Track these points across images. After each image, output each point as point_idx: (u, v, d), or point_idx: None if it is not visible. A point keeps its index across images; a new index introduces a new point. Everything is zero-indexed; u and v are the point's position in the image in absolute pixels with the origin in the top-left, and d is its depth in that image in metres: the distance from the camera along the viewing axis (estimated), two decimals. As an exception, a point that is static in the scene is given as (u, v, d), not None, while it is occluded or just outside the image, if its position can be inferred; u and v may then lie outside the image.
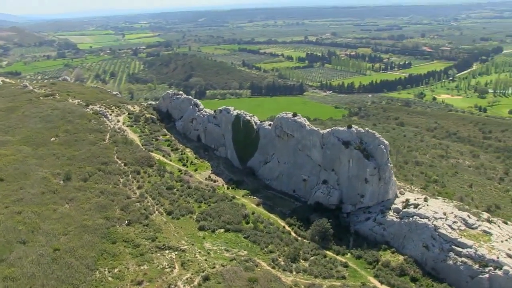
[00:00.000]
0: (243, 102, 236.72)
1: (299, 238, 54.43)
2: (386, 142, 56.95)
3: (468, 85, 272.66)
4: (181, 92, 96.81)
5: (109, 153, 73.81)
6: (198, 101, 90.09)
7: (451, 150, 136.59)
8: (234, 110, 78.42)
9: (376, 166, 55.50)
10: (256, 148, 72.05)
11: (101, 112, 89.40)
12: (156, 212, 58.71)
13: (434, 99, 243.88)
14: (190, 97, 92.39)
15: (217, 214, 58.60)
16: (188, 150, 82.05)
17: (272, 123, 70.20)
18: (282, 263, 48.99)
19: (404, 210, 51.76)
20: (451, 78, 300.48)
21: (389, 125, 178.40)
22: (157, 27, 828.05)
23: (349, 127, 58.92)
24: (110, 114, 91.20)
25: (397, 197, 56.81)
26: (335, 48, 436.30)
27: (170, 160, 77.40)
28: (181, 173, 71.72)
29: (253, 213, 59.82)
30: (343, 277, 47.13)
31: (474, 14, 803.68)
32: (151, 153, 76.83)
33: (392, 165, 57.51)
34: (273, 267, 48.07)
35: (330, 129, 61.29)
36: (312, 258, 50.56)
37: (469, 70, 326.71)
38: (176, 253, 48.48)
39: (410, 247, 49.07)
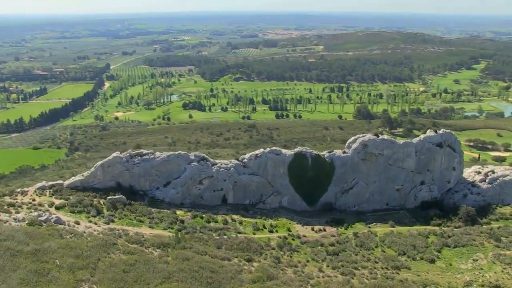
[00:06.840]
0: None
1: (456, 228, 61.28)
2: (456, 135, 72.61)
3: (127, 101, 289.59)
4: (145, 151, 61.94)
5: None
6: (203, 154, 62.94)
7: (220, 155, 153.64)
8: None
9: (460, 155, 70.35)
10: (330, 181, 65.25)
11: (44, 218, 47.65)
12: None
13: (117, 118, 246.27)
14: (181, 152, 61.99)
15: (412, 248, 55.04)
16: (235, 216, 60.17)
17: (347, 150, 65.92)
18: (503, 245, 56.18)
19: (489, 177, 69.03)
20: (105, 96, 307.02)
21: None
22: None
23: (436, 132, 69.04)
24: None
25: (462, 173, 73.92)
26: None
27: (254, 234, 56.23)
28: (294, 239, 55.80)
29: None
30: (532, 235, 60.93)
31: (38, 35, 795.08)
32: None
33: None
34: (508, 249, 55.49)
35: (422, 138, 67.73)
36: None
37: (107, 86, 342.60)
38: None
39: (509, 198, 67.42)
